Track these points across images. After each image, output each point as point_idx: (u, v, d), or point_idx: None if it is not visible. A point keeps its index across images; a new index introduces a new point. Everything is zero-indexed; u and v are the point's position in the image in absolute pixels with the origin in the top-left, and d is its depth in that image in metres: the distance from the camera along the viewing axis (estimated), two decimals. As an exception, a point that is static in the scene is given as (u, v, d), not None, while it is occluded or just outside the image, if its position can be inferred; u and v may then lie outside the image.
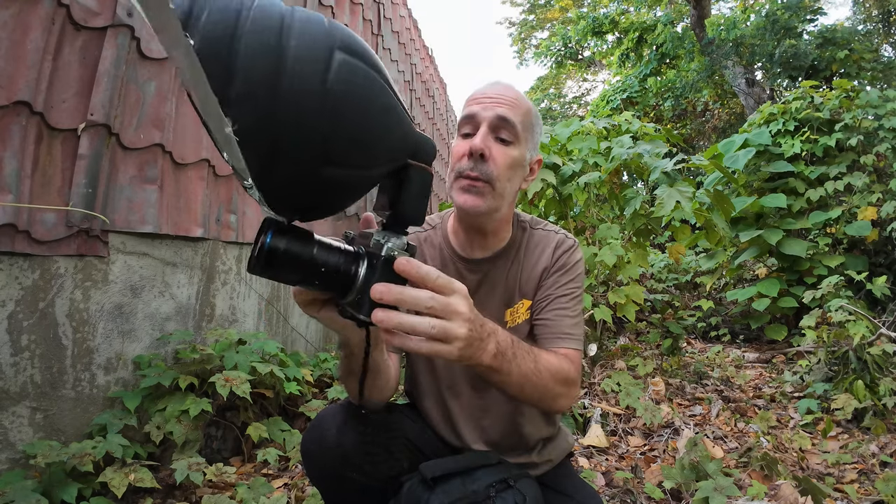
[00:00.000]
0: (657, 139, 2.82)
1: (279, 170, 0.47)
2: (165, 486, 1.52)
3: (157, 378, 1.59)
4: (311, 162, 0.48)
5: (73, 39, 1.49)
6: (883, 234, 3.65)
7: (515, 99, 0.94)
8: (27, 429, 1.36)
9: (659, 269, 4.95)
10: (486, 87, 0.97)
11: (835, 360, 2.56)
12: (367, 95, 0.49)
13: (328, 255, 0.55)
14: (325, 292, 0.60)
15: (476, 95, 0.95)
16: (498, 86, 0.96)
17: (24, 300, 1.36)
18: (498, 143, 0.92)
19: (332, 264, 0.55)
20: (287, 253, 0.53)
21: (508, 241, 1.01)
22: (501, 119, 0.91)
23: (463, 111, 0.96)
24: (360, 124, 0.49)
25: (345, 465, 0.87)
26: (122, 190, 1.62)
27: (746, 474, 1.76)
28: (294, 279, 0.56)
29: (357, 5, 3.52)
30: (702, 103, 10.12)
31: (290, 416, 2.05)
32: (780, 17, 7.43)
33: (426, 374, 1.05)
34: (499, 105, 0.92)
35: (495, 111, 0.91)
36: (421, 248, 1.04)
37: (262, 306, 2.36)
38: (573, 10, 13.55)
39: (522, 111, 0.94)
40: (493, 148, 0.91)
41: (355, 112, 0.48)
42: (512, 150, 0.92)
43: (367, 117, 0.50)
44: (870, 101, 3.82)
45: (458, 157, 0.92)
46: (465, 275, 1.00)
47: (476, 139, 0.89)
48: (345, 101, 0.47)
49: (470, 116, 0.93)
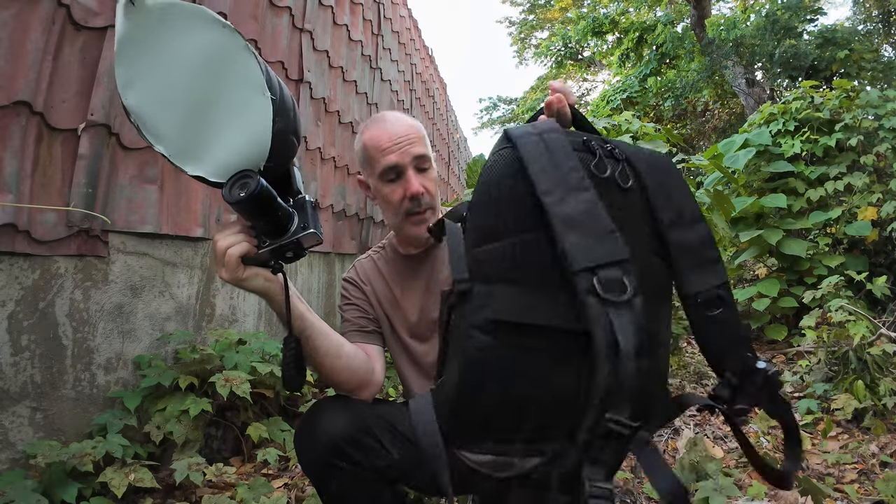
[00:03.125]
0: (657, 139, 2.81)
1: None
2: (165, 486, 1.52)
3: (157, 378, 1.59)
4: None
5: (73, 39, 1.49)
6: (883, 234, 3.64)
7: (416, 132, 1.06)
8: (27, 429, 1.36)
9: (659, 269, 4.94)
10: (387, 129, 1.04)
11: (835, 361, 2.56)
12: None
13: (281, 202, 0.73)
14: (265, 229, 0.76)
15: (384, 144, 1.03)
16: (396, 126, 1.05)
17: (24, 300, 1.36)
18: (422, 175, 1.05)
19: (283, 206, 0.74)
20: (269, 194, 0.70)
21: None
22: (418, 157, 1.04)
23: (379, 163, 1.04)
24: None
25: (333, 453, 0.89)
26: (122, 190, 1.62)
27: (746, 474, 1.76)
28: (255, 216, 0.73)
29: (357, 5, 3.52)
30: (702, 103, 10.13)
31: (290, 416, 2.05)
32: (781, 17, 7.43)
33: (415, 379, 1.11)
34: (409, 145, 1.03)
35: (411, 153, 1.03)
36: (376, 263, 1.17)
37: (262, 306, 2.36)
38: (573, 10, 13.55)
39: (423, 137, 1.07)
40: (423, 182, 1.04)
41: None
42: (432, 173, 1.07)
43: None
44: (870, 101, 3.82)
45: (398, 201, 1.04)
46: (415, 269, 1.12)
47: (412, 185, 1.02)
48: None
49: (392, 167, 1.03)
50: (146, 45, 0.66)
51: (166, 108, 0.68)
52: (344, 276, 1.19)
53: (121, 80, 0.66)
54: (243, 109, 0.70)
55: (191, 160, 0.70)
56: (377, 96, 3.95)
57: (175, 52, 0.67)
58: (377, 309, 1.13)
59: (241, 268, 0.76)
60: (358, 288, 1.15)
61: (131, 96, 0.66)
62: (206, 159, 0.70)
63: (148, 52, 0.66)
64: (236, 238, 0.76)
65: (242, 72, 0.69)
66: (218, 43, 0.68)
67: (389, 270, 1.15)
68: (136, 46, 0.66)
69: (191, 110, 0.68)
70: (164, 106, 0.68)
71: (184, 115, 0.68)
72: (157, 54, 0.67)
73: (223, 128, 0.69)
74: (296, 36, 2.69)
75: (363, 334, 1.09)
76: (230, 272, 0.75)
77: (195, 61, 0.68)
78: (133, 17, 0.65)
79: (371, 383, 1.00)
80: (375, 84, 3.93)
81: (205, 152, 0.70)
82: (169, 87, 0.68)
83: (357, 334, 1.08)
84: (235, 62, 0.69)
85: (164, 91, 0.67)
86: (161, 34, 0.67)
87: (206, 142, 0.70)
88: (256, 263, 0.77)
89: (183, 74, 0.68)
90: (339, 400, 0.99)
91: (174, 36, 0.67)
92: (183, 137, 0.69)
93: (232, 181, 0.69)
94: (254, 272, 0.77)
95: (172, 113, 0.68)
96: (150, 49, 0.66)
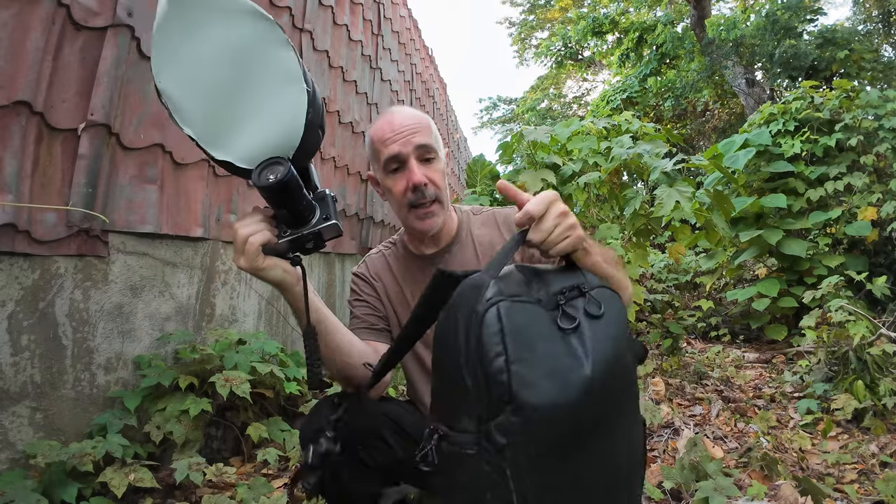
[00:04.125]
0: (657, 139, 2.81)
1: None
2: (165, 486, 1.52)
3: (157, 378, 1.59)
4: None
5: (73, 39, 1.49)
6: (883, 234, 3.64)
7: (419, 122, 1.03)
8: (27, 429, 1.36)
9: (659, 269, 4.94)
10: (389, 121, 1.03)
11: (835, 361, 2.55)
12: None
13: (306, 192, 0.76)
14: (284, 221, 0.77)
15: (387, 135, 1.01)
16: (398, 117, 1.03)
17: (24, 300, 1.36)
18: (426, 166, 1.02)
19: (307, 197, 0.75)
20: (297, 182, 0.72)
21: (456, 230, 1.12)
22: (421, 147, 1.01)
23: (382, 153, 1.02)
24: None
25: (340, 452, 0.89)
26: (122, 190, 1.62)
27: (746, 474, 1.76)
28: (281, 204, 0.73)
29: (357, 5, 3.52)
30: (702, 103, 10.13)
31: (290, 416, 2.04)
32: (780, 17, 7.43)
33: (416, 371, 1.10)
34: (411, 134, 1.00)
35: (413, 142, 1.00)
36: (387, 259, 1.15)
37: (261, 306, 2.36)
38: (573, 10, 13.55)
39: (428, 128, 1.04)
40: (427, 173, 1.01)
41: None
42: (438, 164, 1.04)
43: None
44: (870, 101, 3.82)
45: (402, 192, 1.01)
46: (426, 270, 1.09)
47: (414, 174, 0.99)
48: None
49: (394, 157, 1.00)
50: (185, 31, 0.68)
51: (198, 93, 0.69)
52: (354, 271, 1.17)
53: (156, 62, 0.67)
54: (277, 99, 0.71)
55: (219, 145, 0.70)
56: (377, 96, 3.95)
57: (212, 39, 0.69)
58: (386, 306, 1.12)
59: (260, 257, 0.75)
60: (368, 283, 1.13)
61: (165, 79, 0.67)
62: (235, 145, 0.71)
63: (186, 37, 0.68)
64: (258, 227, 0.75)
65: (280, 63, 0.71)
66: (256, 34, 0.70)
67: (400, 268, 1.14)
68: (175, 31, 0.68)
69: (222, 97, 0.70)
70: (196, 90, 0.69)
71: (214, 101, 0.70)
72: (194, 40, 0.68)
73: (254, 116, 0.71)
74: (296, 36, 2.69)
75: (373, 332, 1.08)
76: (249, 261, 0.75)
77: (230, 50, 0.70)
78: (176, 1, 0.67)
79: (379, 382, 0.99)
80: (375, 84, 3.93)
81: (233, 138, 0.71)
82: (202, 72, 0.69)
83: (366, 331, 1.07)
84: (273, 53, 0.71)
85: (197, 76, 0.69)
86: (201, 21, 0.68)
87: (234, 128, 0.71)
88: (276, 253, 0.77)
89: (217, 61, 0.69)
90: (345, 398, 0.96)
91: (214, 24, 0.69)
92: (212, 122, 0.70)
93: (261, 166, 0.70)
94: (273, 262, 0.77)
95: (203, 98, 0.69)
96: (189, 34, 0.68)
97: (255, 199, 2.35)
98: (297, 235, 0.76)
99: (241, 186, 2.25)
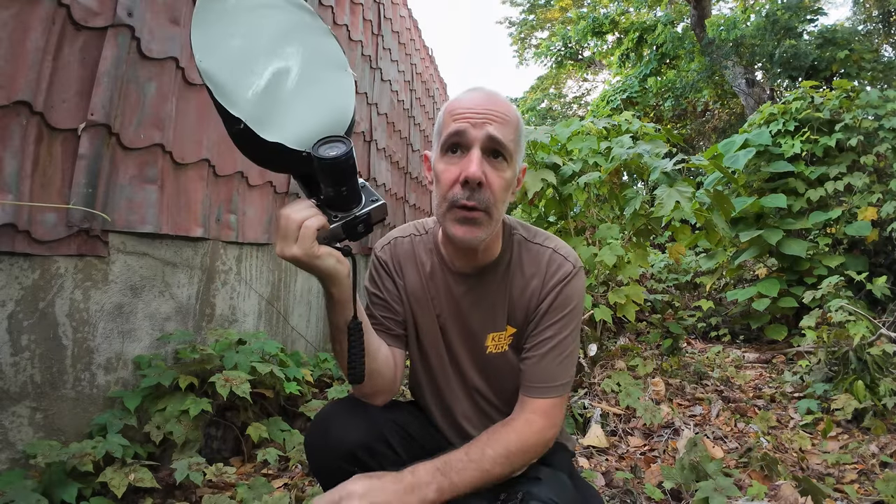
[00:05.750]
0: (657, 139, 2.81)
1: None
2: (165, 486, 1.52)
3: (157, 378, 1.59)
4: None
5: (73, 39, 1.49)
6: (883, 234, 3.65)
7: (506, 113, 0.86)
8: (27, 429, 1.36)
9: (659, 269, 4.95)
10: (472, 97, 0.87)
11: (835, 361, 2.56)
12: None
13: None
14: (334, 204, 0.74)
15: (462, 108, 0.85)
16: (484, 96, 0.87)
17: (24, 300, 1.36)
18: (491, 165, 0.85)
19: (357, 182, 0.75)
20: (354, 161, 0.71)
21: (497, 256, 0.96)
22: (494, 140, 0.84)
23: (447, 125, 0.86)
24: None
25: (347, 460, 0.88)
26: (122, 190, 1.62)
27: (746, 474, 1.76)
28: (341, 181, 0.71)
29: (357, 5, 3.52)
30: (702, 103, 10.12)
31: (290, 416, 2.05)
32: (780, 17, 7.43)
33: (424, 373, 1.06)
34: (489, 122, 0.84)
35: (486, 130, 0.83)
36: (415, 249, 1.02)
37: (261, 306, 2.36)
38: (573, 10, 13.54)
39: (513, 126, 0.87)
40: (489, 173, 0.84)
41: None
42: (505, 172, 0.86)
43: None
44: (870, 102, 3.82)
45: (450, 183, 0.85)
46: (451, 285, 0.98)
47: (472, 167, 0.82)
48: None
49: (458, 133, 0.84)
50: (226, 14, 0.70)
51: (243, 76, 0.70)
52: (377, 252, 1.04)
53: (196, 43, 0.68)
54: (327, 84, 0.74)
55: (269, 127, 0.70)
56: (377, 96, 3.95)
57: (254, 24, 0.71)
58: (405, 305, 1.01)
59: (316, 244, 0.71)
60: (390, 277, 1.01)
61: (206, 60, 0.68)
62: (285, 127, 0.70)
63: (227, 20, 0.70)
64: (311, 211, 0.71)
65: (325, 51, 0.74)
66: (299, 23, 0.74)
67: (427, 268, 1.00)
68: (216, 13, 0.69)
69: (268, 81, 0.71)
70: (241, 73, 0.70)
71: (260, 84, 0.70)
72: (235, 24, 0.70)
73: (301, 100, 0.72)
74: (296, 36, 2.69)
75: (390, 337, 1.00)
76: (305, 248, 0.70)
77: (274, 36, 0.72)
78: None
79: (389, 392, 0.97)
80: (375, 84, 3.93)
81: (282, 121, 0.71)
82: (246, 56, 0.70)
83: (383, 335, 0.99)
84: (320, 41, 0.74)
85: (240, 59, 0.70)
86: (243, 6, 0.71)
87: (283, 111, 0.71)
88: (331, 238, 0.74)
89: (261, 46, 0.71)
90: (351, 405, 0.95)
91: (255, 10, 0.72)
92: (259, 105, 0.70)
93: (319, 143, 0.70)
94: (327, 251, 0.74)
95: (248, 80, 0.70)
96: (230, 18, 0.70)
97: (256, 199, 2.35)
98: (351, 218, 0.73)
99: (241, 186, 2.25)
